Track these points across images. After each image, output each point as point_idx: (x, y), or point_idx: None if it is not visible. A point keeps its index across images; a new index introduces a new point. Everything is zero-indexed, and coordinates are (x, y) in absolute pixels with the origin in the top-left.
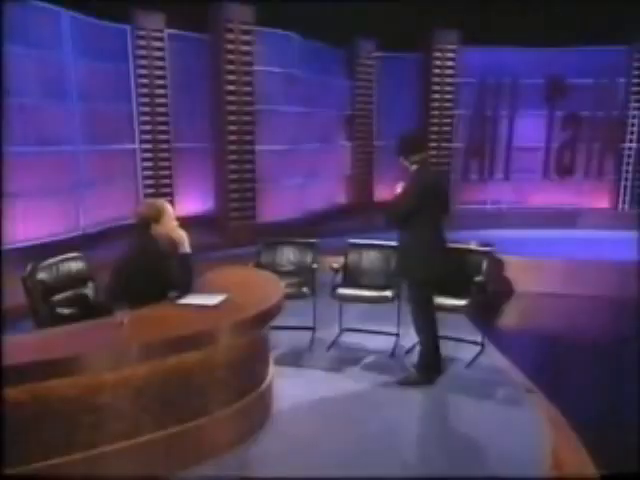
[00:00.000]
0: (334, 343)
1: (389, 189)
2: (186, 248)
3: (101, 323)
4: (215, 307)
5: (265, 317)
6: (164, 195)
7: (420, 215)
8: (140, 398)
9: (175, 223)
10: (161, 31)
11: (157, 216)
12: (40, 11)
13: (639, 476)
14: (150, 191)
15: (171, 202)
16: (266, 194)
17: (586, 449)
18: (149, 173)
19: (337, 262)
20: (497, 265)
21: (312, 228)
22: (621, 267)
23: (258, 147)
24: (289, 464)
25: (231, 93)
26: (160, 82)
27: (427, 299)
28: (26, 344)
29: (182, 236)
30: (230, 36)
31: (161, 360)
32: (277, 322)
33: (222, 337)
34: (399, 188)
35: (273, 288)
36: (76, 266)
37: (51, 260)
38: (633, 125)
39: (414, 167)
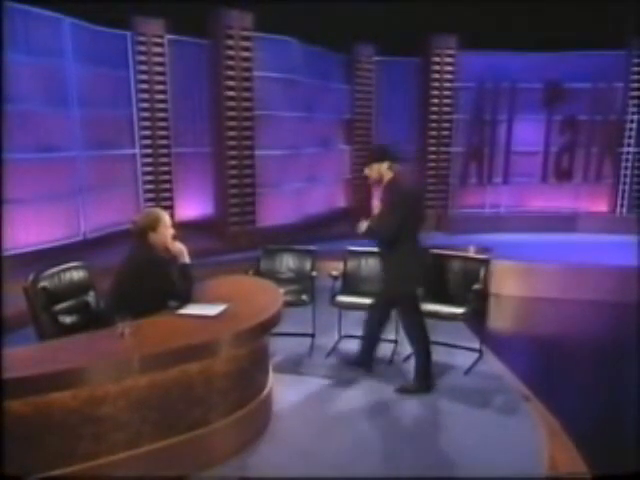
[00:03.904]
0: (333, 350)
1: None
2: (185, 259)
3: (102, 334)
4: (215, 317)
5: (265, 327)
6: (164, 200)
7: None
8: (141, 409)
9: (172, 231)
10: (161, 37)
11: (154, 225)
12: (41, 18)
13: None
14: (150, 196)
15: (171, 207)
16: (266, 199)
17: (583, 456)
18: (149, 178)
19: (336, 269)
20: None
21: (312, 232)
22: (620, 271)
23: (258, 152)
24: (288, 471)
25: (231, 98)
26: (160, 87)
27: (415, 310)
28: (28, 357)
29: (180, 249)
30: (230, 42)
31: (162, 371)
32: (277, 329)
33: (222, 348)
34: (376, 206)
35: (272, 297)
36: (78, 275)
37: (53, 269)
38: (631, 129)
39: (389, 175)
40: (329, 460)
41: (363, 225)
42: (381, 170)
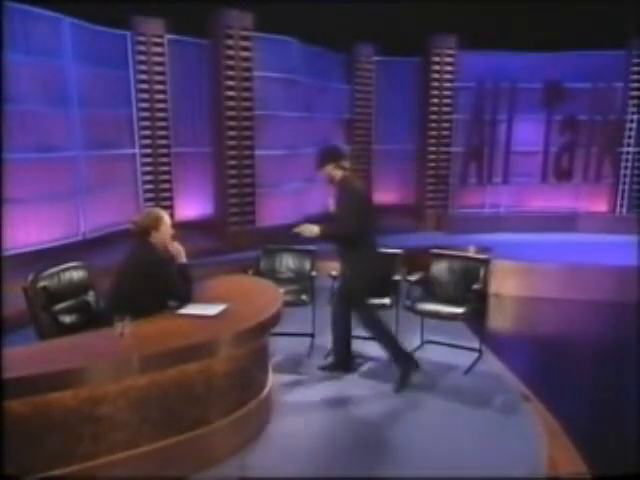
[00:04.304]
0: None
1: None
2: (183, 259)
3: (101, 334)
4: (215, 317)
5: (265, 327)
6: (164, 200)
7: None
8: (141, 409)
9: (172, 231)
10: (161, 37)
11: (156, 224)
12: (40, 18)
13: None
14: (150, 195)
15: (171, 207)
16: (265, 199)
17: (583, 456)
18: (149, 178)
19: (336, 269)
20: None
21: None
22: (620, 271)
23: (257, 152)
24: (288, 472)
25: (231, 98)
26: (160, 87)
27: (368, 306)
28: (27, 356)
29: (178, 249)
30: (229, 42)
31: (161, 371)
32: (276, 329)
33: (222, 348)
34: (332, 205)
35: (272, 297)
36: (77, 275)
37: (52, 269)
38: (631, 129)
39: (339, 174)
40: (329, 460)
41: (310, 228)
42: (328, 171)
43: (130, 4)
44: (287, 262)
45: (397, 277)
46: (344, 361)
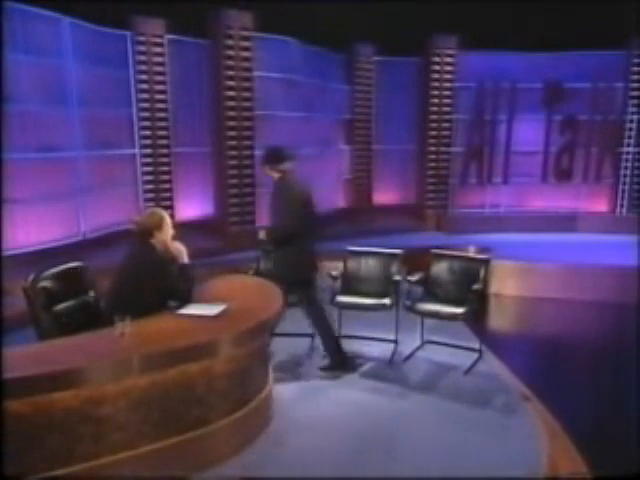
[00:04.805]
0: None
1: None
2: (185, 259)
3: (102, 335)
4: (215, 317)
5: (265, 327)
6: (164, 200)
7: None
8: (141, 409)
9: (172, 231)
10: (161, 37)
11: (159, 224)
12: (41, 18)
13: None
14: (150, 196)
15: (171, 207)
16: (266, 199)
17: (583, 456)
18: (149, 178)
19: (336, 269)
20: None
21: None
22: (620, 271)
23: (258, 152)
24: (288, 471)
25: (231, 98)
26: (160, 87)
27: (311, 297)
28: (28, 356)
29: (180, 249)
30: (230, 42)
31: (162, 371)
32: (277, 329)
33: (222, 348)
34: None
35: (272, 297)
36: (77, 275)
37: (53, 270)
38: (631, 129)
39: (277, 175)
40: (329, 460)
41: (261, 233)
42: (265, 172)
43: (130, 4)
44: None
45: (397, 277)
46: (342, 360)
